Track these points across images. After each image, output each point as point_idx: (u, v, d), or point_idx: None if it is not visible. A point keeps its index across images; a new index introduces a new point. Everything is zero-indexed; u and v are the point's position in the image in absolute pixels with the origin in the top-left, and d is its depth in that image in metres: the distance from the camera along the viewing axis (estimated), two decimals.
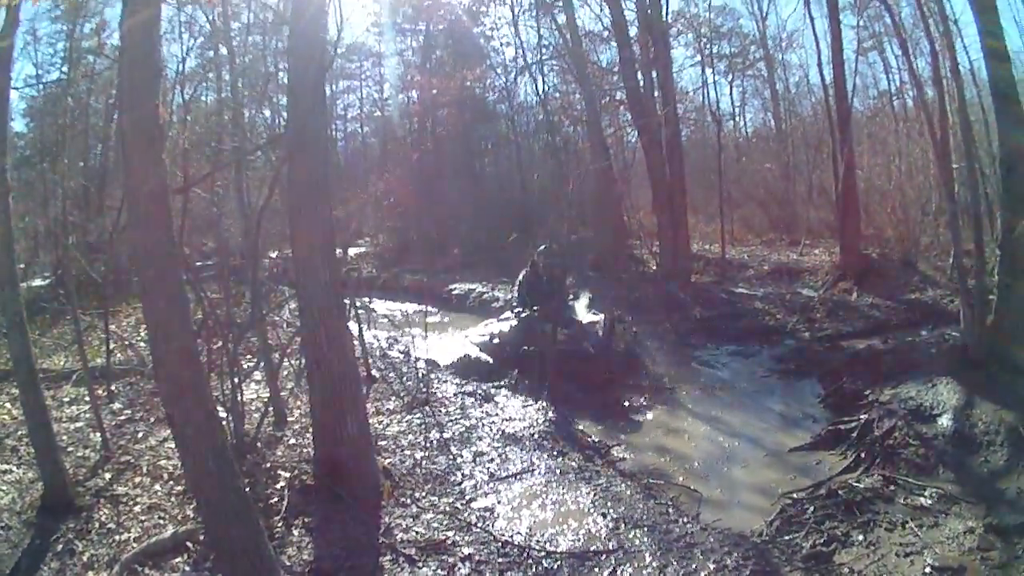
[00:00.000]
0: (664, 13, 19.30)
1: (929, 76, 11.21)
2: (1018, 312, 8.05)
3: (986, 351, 8.11)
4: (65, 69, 17.58)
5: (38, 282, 14.18)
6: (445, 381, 10.21)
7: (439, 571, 5.32)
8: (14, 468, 6.62)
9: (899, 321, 12.68)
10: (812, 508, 6.31)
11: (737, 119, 32.23)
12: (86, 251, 12.01)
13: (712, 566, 5.29)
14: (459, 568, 5.36)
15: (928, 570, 5.18)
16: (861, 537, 5.75)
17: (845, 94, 16.92)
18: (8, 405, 8.32)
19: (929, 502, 6.22)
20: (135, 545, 5.38)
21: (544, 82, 25.91)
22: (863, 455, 7.45)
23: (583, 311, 13.43)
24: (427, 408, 8.94)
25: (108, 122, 18.10)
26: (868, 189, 18.10)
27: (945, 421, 7.34)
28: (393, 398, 9.42)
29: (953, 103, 9.23)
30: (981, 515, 5.83)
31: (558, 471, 7.13)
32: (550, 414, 8.71)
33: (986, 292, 8.40)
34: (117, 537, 5.55)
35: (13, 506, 5.92)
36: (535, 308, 11.03)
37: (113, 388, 9.00)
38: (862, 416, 8.16)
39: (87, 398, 7.94)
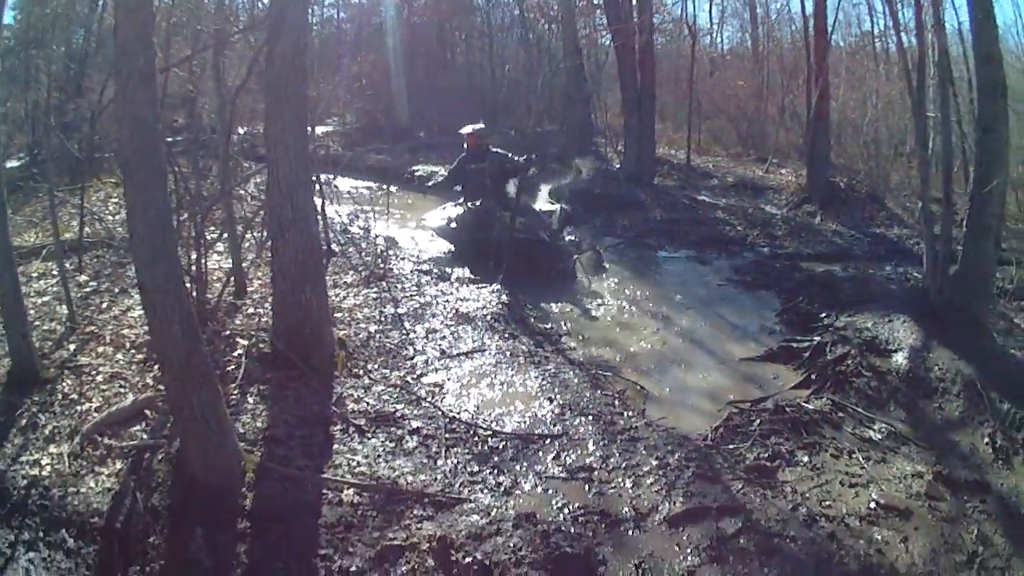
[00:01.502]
0: None
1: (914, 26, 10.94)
2: (983, 266, 8.05)
3: (947, 300, 8.09)
4: None
5: (12, 163, 13.90)
6: (402, 259, 10.27)
7: (387, 443, 5.36)
8: None
9: (862, 252, 12.72)
10: (759, 421, 6.31)
11: (714, 36, 32.08)
12: (63, 131, 11.83)
13: (654, 462, 5.37)
14: (407, 441, 5.42)
15: (873, 505, 5.16)
16: (806, 458, 5.74)
17: (825, 28, 16.94)
18: None
19: (878, 436, 6.26)
20: (96, 415, 5.37)
21: None
22: (814, 376, 7.51)
23: (545, 196, 13.49)
24: (383, 283, 8.96)
25: (92, 8, 17.61)
26: (841, 121, 18.12)
27: (900, 359, 7.40)
28: (351, 272, 9.41)
29: (935, 55, 9.10)
30: (931, 461, 5.85)
31: (508, 353, 7.19)
32: (503, 298, 8.74)
33: (952, 242, 8.32)
34: (79, 408, 5.53)
35: None
36: (479, 199, 11.06)
37: (83, 261, 8.90)
38: (815, 337, 8.22)
39: (55, 272, 7.87)
